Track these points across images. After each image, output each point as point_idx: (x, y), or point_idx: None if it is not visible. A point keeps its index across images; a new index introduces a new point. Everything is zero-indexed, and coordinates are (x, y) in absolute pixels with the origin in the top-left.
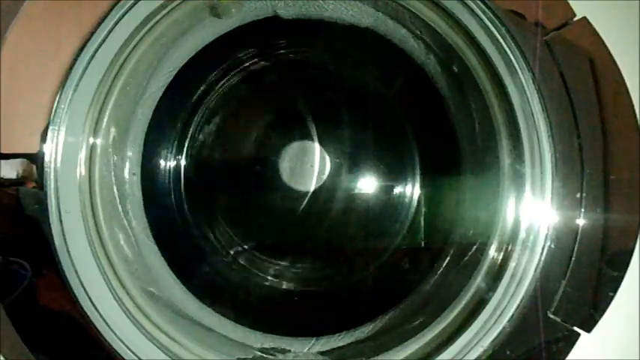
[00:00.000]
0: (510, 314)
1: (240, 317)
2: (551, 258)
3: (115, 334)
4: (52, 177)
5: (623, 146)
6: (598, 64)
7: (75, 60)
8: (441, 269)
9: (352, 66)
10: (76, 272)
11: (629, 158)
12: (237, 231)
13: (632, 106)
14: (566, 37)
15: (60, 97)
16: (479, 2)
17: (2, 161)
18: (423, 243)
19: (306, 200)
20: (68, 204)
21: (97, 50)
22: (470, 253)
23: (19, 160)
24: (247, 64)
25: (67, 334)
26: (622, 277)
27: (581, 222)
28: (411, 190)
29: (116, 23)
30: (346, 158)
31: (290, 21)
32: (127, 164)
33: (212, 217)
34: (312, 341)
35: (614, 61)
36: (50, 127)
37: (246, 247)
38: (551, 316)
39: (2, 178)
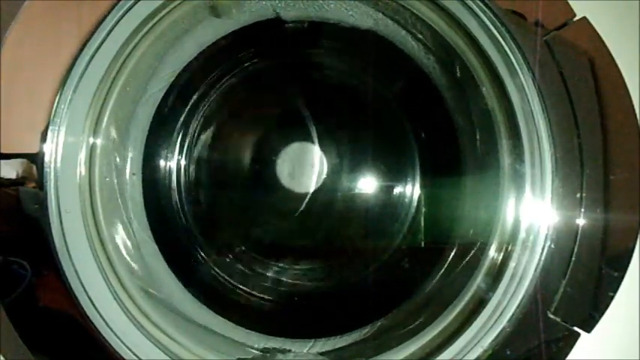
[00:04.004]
0: (510, 314)
1: (240, 318)
2: (551, 258)
3: (115, 333)
4: (52, 177)
5: (623, 146)
6: (598, 64)
7: (75, 60)
8: (442, 269)
9: (352, 67)
10: (76, 272)
11: (629, 158)
12: (237, 231)
13: (632, 106)
14: (566, 37)
15: (60, 97)
16: (479, 2)
17: (2, 161)
18: (423, 243)
19: (305, 201)
20: (68, 204)
21: (97, 50)
22: (470, 253)
23: (19, 160)
24: (247, 64)
25: (67, 334)
26: (622, 277)
27: (581, 222)
28: (411, 191)
29: (116, 23)
30: (346, 159)
31: (290, 23)
32: (128, 164)
33: (212, 218)
34: (312, 342)
35: (614, 61)
36: (50, 127)
37: (245, 247)
38: (551, 316)
39: (2, 178)
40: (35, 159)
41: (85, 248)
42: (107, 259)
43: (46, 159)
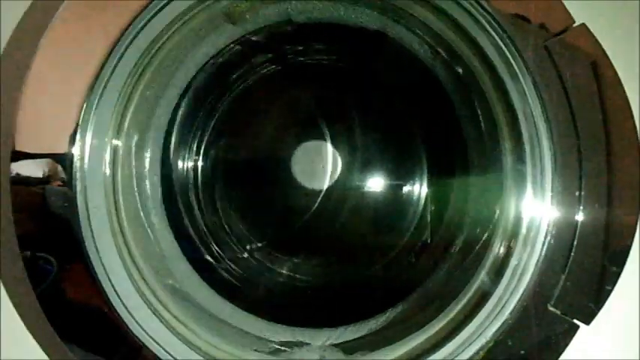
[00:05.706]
0: (512, 307)
1: (256, 311)
2: (552, 253)
3: (139, 323)
4: (79, 177)
5: (623, 146)
6: (597, 69)
7: (102, 67)
8: (447, 264)
9: (363, 69)
10: (103, 267)
11: (629, 158)
12: (253, 228)
13: (630, 106)
14: (566, 43)
15: (87, 101)
16: (480, 9)
17: (30, 161)
18: (429, 239)
19: (319, 198)
20: (95, 202)
21: (120, 58)
22: (475, 249)
23: (44, 160)
24: (261, 67)
25: (94, 325)
26: (620, 272)
27: (580, 219)
28: (419, 189)
29: (138, 32)
30: (357, 158)
31: (301, 26)
32: (147, 165)
33: (228, 215)
34: (326, 334)
35: (612, 66)
36: (78, 130)
37: (261, 244)
38: (551, 308)
39: (30, 177)
40: (62, 159)
41: (110, 245)
42: (130, 255)
43: (75, 159)
